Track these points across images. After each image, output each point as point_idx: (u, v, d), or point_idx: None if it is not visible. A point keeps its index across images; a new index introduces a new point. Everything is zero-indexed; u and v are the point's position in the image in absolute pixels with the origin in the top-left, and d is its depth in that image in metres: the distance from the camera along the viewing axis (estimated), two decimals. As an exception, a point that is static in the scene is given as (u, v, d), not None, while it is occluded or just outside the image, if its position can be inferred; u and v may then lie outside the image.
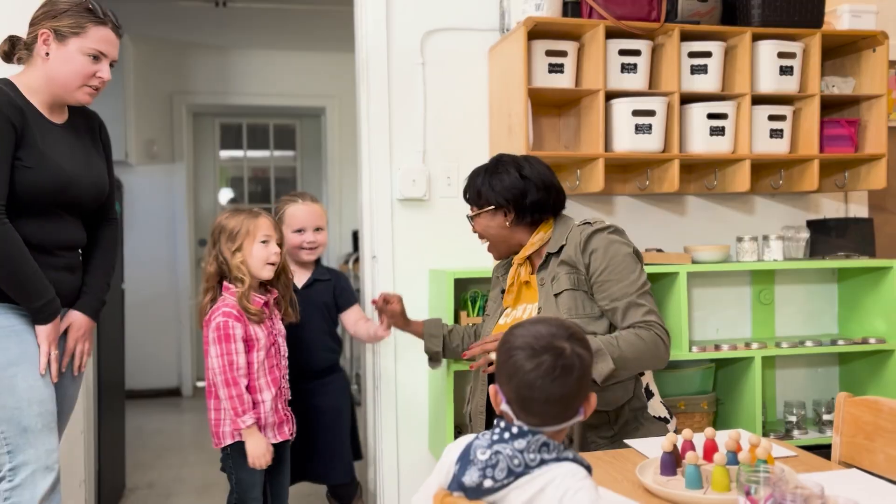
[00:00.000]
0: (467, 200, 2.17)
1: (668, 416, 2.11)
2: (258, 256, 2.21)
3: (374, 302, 2.41)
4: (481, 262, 2.77)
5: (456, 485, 1.14)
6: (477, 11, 2.86)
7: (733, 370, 2.85)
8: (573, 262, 2.00)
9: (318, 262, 2.61)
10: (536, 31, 2.55)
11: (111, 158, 2.09)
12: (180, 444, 4.24)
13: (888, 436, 1.58)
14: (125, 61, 5.37)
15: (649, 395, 2.10)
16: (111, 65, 1.89)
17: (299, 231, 2.51)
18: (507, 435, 1.12)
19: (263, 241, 2.22)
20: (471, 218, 2.16)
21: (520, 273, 2.12)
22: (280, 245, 2.26)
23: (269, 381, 2.21)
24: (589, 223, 2.04)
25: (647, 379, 2.12)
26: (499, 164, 2.10)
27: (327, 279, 2.59)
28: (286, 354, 2.29)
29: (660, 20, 2.61)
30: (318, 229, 2.54)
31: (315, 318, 2.52)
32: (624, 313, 1.93)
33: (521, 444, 1.11)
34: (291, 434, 2.28)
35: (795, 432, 2.86)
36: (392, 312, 2.38)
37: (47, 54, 1.82)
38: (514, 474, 1.09)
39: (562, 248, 2.03)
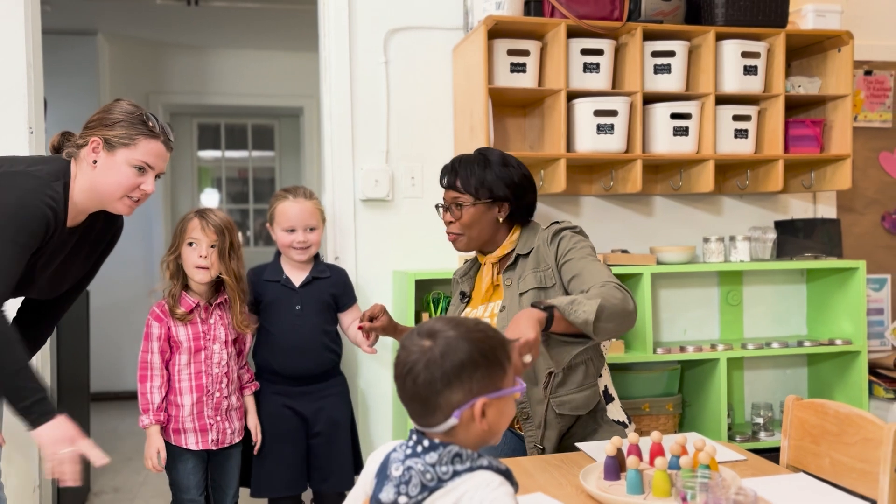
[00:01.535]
0: (458, 188, 2.03)
1: (626, 421, 2.08)
2: (186, 259, 2.21)
3: (360, 328, 2.11)
4: (444, 263, 2.75)
5: (375, 501, 1.11)
6: (441, 10, 2.83)
7: (700, 372, 2.83)
8: (541, 257, 1.99)
9: (316, 257, 2.51)
10: (497, 30, 2.53)
11: (106, 255, 2.04)
12: (150, 448, 4.19)
13: (833, 439, 1.56)
14: (100, 61, 5.33)
15: (608, 398, 2.08)
16: (158, 176, 1.85)
17: (290, 230, 2.41)
18: (419, 448, 1.09)
19: (190, 244, 2.20)
20: (459, 206, 2.02)
21: (491, 273, 2.09)
22: (214, 247, 2.20)
23: (193, 386, 2.20)
24: (557, 222, 2.06)
25: (606, 381, 2.10)
26: (504, 157, 2.07)
27: (327, 276, 2.48)
28: (222, 362, 2.24)
29: (622, 19, 2.58)
30: (310, 229, 2.42)
31: (314, 318, 2.43)
32: (587, 277, 1.88)
33: (432, 457, 1.07)
34: (217, 444, 2.23)
35: (762, 434, 2.85)
36: (381, 327, 2.12)
37: (95, 162, 1.78)
38: (427, 489, 1.06)
39: (531, 250, 2.02)
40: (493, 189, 2.01)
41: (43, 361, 2.67)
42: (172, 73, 5.77)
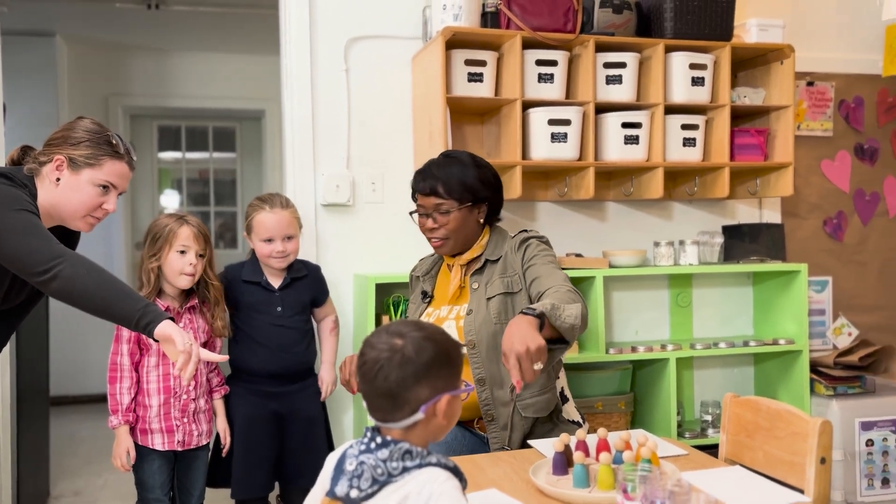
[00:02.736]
0: (441, 193, 2.05)
1: (580, 421, 2.16)
2: (173, 265, 2.24)
3: (354, 392, 2.11)
4: (404, 266, 2.81)
5: (331, 495, 1.17)
6: (400, 19, 2.90)
7: (651, 371, 2.93)
8: (508, 263, 2.06)
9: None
10: (455, 41, 2.60)
11: None
12: (110, 451, 4.17)
13: (765, 433, 1.66)
14: (58, 62, 5.29)
15: (564, 399, 2.16)
16: (119, 194, 1.87)
17: (268, 240, 2.42)
18: (372, 445, 1.16)
19: (181, 251, 2.24)
20: (444, 212, 2.05)
21: (459, 274, 2.14)
22: (202, 255, 2.27)
23: (160, 387, 2.25)
24: (525, 230, 2.12)
25: (563, 382, 2.18)
26: (473, 158, 2.10)
27: (304, 276, 2.52)
28: None
29: (575, 31, 2.68)
30: (288, 238, 2.44)
31: (293, 319, 2.47)
32: (545, 279, 1.95)
33: (384, 453, 1.14)
34: (183, 445, 2.28)
35: (710, 431, 2.96)
36: None
37: (58, 180, 1.79)
38: (378, 483, 1.13)
39: (500, 256, 2.08)
40: (475, 191, 2.05)
41: (2, 365, 2.68)
42: (132, 76, 5.74)
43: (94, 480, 3.71)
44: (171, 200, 6.52)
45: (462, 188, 2.04)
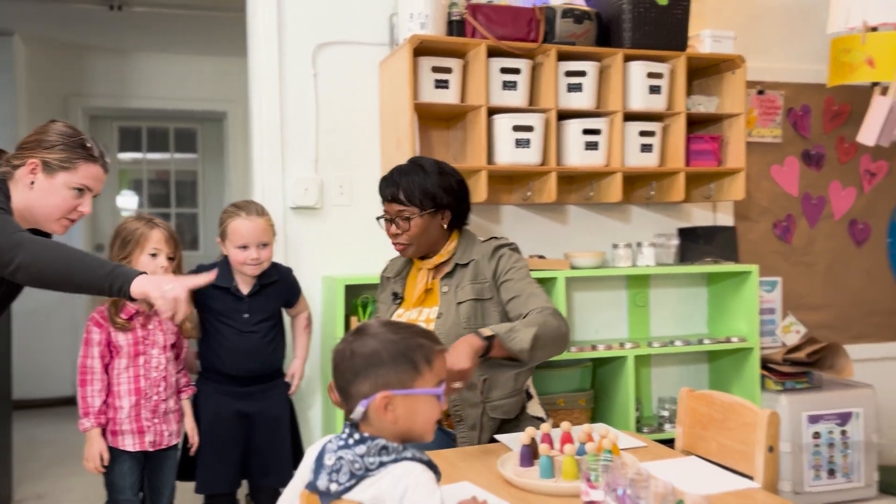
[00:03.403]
0: (402, 200, 2.09)
1: (544, 417, 2.24)
2: (145, 268, 2.25)
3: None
4: (372, 268, 2.87)
5: (312, 488, 1.23)
6: (368, 26, 2.96)
7: (610, 369, 3.04)
8: (480, 270, 2.10)
9: None
10: (422, 48, 2.67)
11: None
12: (73, 454, 4.11)
13: (718, 425, 1.76)
14: (16, 62, 5.23)
15: (528, 396, 2.24)
16: (93, 196, 1.89)
17: (243, 247, 2.43)
18: (350, 441, 1.22)
19: (152, 254, 2.28)
20: (406, 219, 2.09)
21: (426, 277, 2.19)
22: (172, 258, 2.30)
23: (131, 389, 2.27)
24: (495, 237, 2.18)
25: (527, 381, 2.26)
26: (438, 165, 2.14)
27: (274, 281, 2.53)
28: (160, 367, 2.31)
29: (538, 41, 2.77)
30: (263, 245, 2.45)
31: (261, 325, 2.49)
32: (526, 300, 2.00)
33: (361, 449, 1.20)
34: (154, 446, 2.30)
35: (667, 426, 3.08)
36: None
37: (32, 183, 1.80)
38: (355, 477, 1.19)
39: (470, 261, 2.13)
40: (436, 198, 2.09)
41: (-32, 368, 2.67)
42: (93, 76, 5.69)
43: (57, 483, 3.69)
44: (129, 202, 6.47)
45: (423, 195, 2.09)
